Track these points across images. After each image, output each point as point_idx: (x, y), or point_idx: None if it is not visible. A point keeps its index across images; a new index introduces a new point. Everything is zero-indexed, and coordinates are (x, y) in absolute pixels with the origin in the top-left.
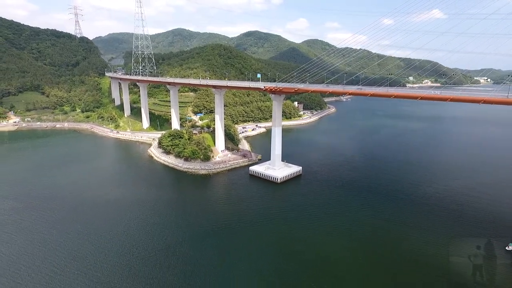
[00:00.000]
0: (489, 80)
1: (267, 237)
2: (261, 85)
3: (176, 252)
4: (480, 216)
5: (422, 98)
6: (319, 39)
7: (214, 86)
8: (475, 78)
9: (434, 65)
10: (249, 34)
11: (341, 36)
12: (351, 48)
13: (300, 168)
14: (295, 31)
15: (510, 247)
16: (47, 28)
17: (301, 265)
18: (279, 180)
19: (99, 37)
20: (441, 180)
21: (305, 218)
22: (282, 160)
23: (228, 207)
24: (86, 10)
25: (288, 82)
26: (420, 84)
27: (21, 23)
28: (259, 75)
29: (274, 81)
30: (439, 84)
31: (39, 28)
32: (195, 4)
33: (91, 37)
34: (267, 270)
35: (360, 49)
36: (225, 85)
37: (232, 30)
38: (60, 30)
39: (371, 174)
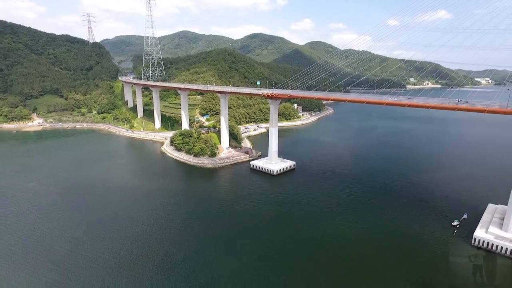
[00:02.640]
0: (490, 81)
1: (264, 215)
2: (260, 91)
3: (191, 225)
4: (436, 199)
5: (387, 104)
6: (324, 40)
7: (220, 92)
8: (476, 80)
9: (436, 67)
10: (253, 36)
11: (346, 37)
12: (353, 50)
13: (294, 162)
14: (300, 31)
15: (455, 222)
16: (62, 34)
17: (294, 236)
18: (275, 173)
19: (107, 39)
20: (415, 173)
21: (295, 200)
22: (279, 156)
23: (232, 193)
24: (94, 13)
25: (289, 84)
26: (421, 86)
27: (38, 29)
28: (258, 83)
29: (276, 84)
30: (439, 86)
31: (54, 34)
32: (201, 5)
33: (98, 40)
34: (267, 241)
35: (363, 50)
36: (229, 91)
37: (237, 31)
38: (73, 36)
39: (357, 168)
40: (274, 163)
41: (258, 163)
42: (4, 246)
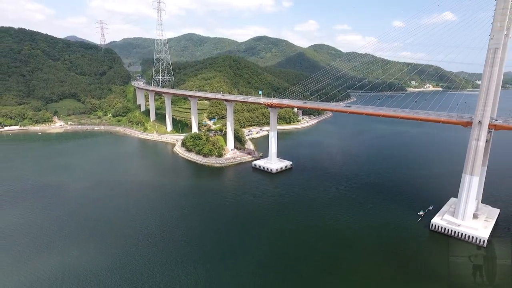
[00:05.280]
0: None
1: (262, 205)
2: (261, 100)
3: (203, 212)
4: (411, 193)
5: (366, 114)
6: (328, 41)
7: (226, 100)
8: (476, 82)
9: (438, 70)
10: (258, 39)
11: (351, 38)
12: (356, 53)
13: (291, 162)
14: (305, 33)
15: (420, 212)
16: (76, 40)
17: (284, 220)
18: (274, 171)
19: (114, 41)
20: (397, 171)
21: (288, 193)
22: (278, 157)
23: (236, 188)
24: (100, 15)
25: (291, 90)
26: (422, 89)
27: (55, 36)
28: (260, 92)
29: (278, 89)
30: (440, 89)
31: (69, 40)
32: (206, 7)
33: (106, 42)
34: (264, 225)
35: (366, 53)
36: (235, 99)
37: (242, 33)
38: (82, 38)
39: (347, 167)
40: (273, 163)
41: (260, 163)
42: (66, 226)
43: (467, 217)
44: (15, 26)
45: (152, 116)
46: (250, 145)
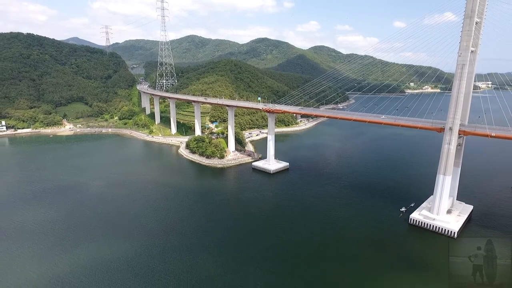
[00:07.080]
0: (491, 85)
1: (262, 201)
2: (260, 106)
3: (207, 208)
4: (396, 192)
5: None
6: (329, 41)
7: (228, 105)
8: (475, 84)
9: (436, 72)
10: (259, 41)
11: (352, 39)
12: (356, 55)
13: (287, 163)
14: (306, 33)
15: (402, 208)
16: (82, 44)
17: (280, 214)
18: (272, 172)
19: (117, 43)
20: (385, 171)
21: (284, 191)
22: (275, 158)
23: (237, 187)
24: (102, 15)
25: (290, 94)
26: (420, 90)
27: (57, 37)
28: (259, 98)
29: (278, 92)
30: (439, 90)
31: (75, 44)
32: (209, 8)
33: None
34: (262, 218)
35: (365, 55)
36: (236, 105)
37: (244, 33)
38: (92, 46)
39: (340, 168)
40: (271, 164)
41: (259, 164)
42: (87, 220)
43: (441, 212)
44: (17, 27)
45: (157, 119)
46: (250, 147)
